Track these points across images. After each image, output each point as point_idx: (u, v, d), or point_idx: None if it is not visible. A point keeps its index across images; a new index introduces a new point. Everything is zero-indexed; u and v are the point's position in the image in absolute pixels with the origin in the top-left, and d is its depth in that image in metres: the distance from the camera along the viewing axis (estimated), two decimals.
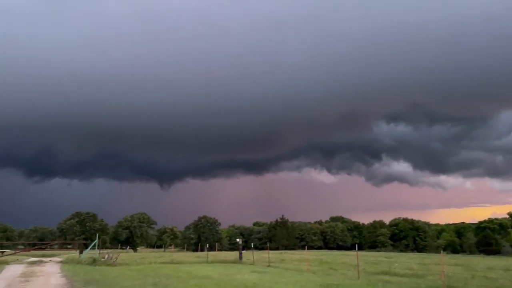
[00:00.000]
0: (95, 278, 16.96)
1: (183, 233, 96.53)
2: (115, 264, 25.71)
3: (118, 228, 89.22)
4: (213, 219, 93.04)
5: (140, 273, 19.59)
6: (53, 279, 17.28)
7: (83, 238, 73.72)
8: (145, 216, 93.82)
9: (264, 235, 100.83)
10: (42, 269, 22.71)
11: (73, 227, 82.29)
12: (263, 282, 16.09)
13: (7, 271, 21.26)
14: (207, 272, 20.38)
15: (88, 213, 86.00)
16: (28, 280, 16.51)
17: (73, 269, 22.38)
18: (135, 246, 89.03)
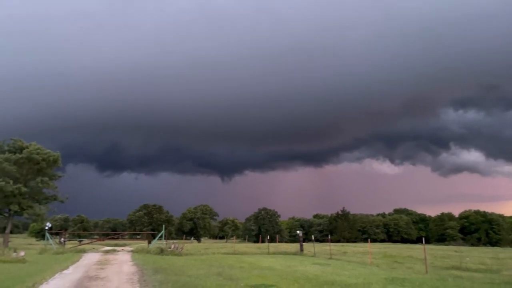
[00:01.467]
0: (163, 267, 17.80)
1: (244, 225, 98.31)
2: (181, 254, 26.77)
3: (183, 220, 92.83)
4: (272, 211, 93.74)
5: (204, 263, 20.25)
6: (125, 267, 18.40)
7: (150, 229, 77.69)
8: (208, 208, 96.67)
9: (325, 228, 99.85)
10: (115, 258, 24.27)
11: (141, 219, 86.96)
12: (326, 274, 15.93)
13: (85, 259, 23.02)
14: (269, 263, 20.57)
15: (154, 205, 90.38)
16: (103, 268, 17.73)
17: (143, 258, 23.67)
18: (198, 237, 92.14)
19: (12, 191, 35.73)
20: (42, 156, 38.56)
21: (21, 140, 39.82)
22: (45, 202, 40.63)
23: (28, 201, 38.33)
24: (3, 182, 34.89)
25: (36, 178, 38.65)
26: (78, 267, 17.93)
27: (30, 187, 38.60)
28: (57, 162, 40.61)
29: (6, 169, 35.93)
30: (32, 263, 19.34)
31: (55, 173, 41.69)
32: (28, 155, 37.70)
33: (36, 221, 44.12)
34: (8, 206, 37.16)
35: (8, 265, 18.02)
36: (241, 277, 14.28)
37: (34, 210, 38.16)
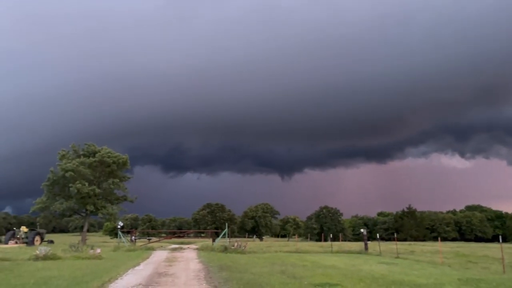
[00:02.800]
0: (227, 264, 18.20)
1: (305, 223, 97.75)
2: (244, 252, 27.20)
3: (244, 218, 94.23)
4: (334, 209, 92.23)
5: (267, 261, 20.41)
6: (191, 264, 19.08)
7: (214, 227, 79.79)
8: (268, 207, 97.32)
9: (390, 226, 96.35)
10: (182, 255, 25.24)
11: (205, 217, 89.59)
12: (393, 274, 15.38)
13: (154, 256, 24.19)
14: (333, 262, 20.27)
15: (217, 204, 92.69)
16: (171, 265, 18.52)
17: (208, 255, 24.37)
18: (260, 235, 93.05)
19: (87, 193, 38.55)
20: (113, 159, 41.19)
21: (94, 144, 42.77)
22: (116, 202, 43.36)
23: (102, 202, 41.14)
24: (80, 184, 37.76)
25: (108, 180, 41.39)
26: (148, 264, 18.89)
27: (103, 189, 41.39)
28: (126, 165, 43.15)
29: (81, 172, 38.87)
30: (107, 260, 20.69)
31: (124, 175, 44.31)
32: (100, 159, 40.46)
33: (109, 220, 47.15)
34: (84, 206, 40.13)
35: (87, 261, 19.44)
36: (305, 276, 14.21)
37: (107, 210, 40.85)
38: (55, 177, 39.15)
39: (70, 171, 37.93)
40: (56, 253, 21.16)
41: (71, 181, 38.26)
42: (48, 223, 72.30)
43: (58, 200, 39.35)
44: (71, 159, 39.83)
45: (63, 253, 22.49)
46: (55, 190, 40.08)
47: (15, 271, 14.85)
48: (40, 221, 46.18)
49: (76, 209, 41.19)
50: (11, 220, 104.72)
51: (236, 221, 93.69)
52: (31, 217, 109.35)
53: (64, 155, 40.53)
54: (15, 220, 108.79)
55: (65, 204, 38.85)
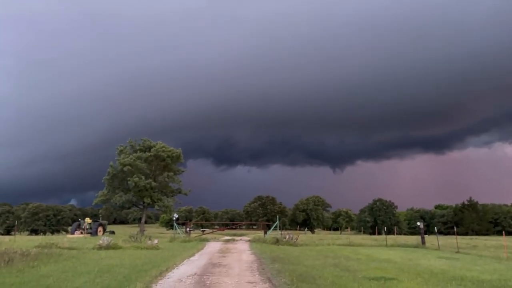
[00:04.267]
0: (279, 256, 18.28)
1: (358, 216, 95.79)
2: (296, 244, 27.17)
3: (295, 211, 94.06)
4: (388, 202, 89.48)
5: (319, 254, 20.26)
6: (244, 255, 19.36)
7: (265, 220, 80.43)
8: (320, 199, 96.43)
9: (449, 219, 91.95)
10: (235, 247, 25.68)
11: (256, 210, 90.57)
12: (453, 269, 14.67)
13: (208, 247, 24.84)
14: (388, 256, 19.71)
15: (268, 197, 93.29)
16: (225, 256, 18.91)
17: (260, 247, 24.61)
18: (312, 228, 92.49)
19: (144, 186, 40.36)
20: (167, 153, 42.72)
21: (149, 139, 44.58)
22: (171, 195, 45.00)
23: (158, 195, 42.89)
24: (137, 178, 39.59)
25: (163, 173, 43.06)
26: (202, 255, 19.43)
27: (159, 182, 43.10)
28: (180, 158, 44.58)
29: (138, 166, 40.74)
30: (164, 250, 21.54)
31: (178, 168, 45.82)
32: (155, 153, 42.14)
33: (165, 212, 49.00)
34: (142, 199, 42.08)
35: (145, 251, 20.37)
36: (359, 269, 13.95)
37: (163, 202, 42.56)
38: (115, 171, 41.29)
39: (128, 166, 39.87)
40: (117, 243, 22.36)
41: (129, 175, 40.21)
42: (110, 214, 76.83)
43: (117, 193, 41.54)
44: (129, 154, 41.84)
45: (124, 243, 23.72)
46: (115, 184, 42.31)
47: (81, 259, 15.88)
48: (102, 213, 49.03)
49: (134, 201, 43.23)
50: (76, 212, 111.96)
51: (287, 214, 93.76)
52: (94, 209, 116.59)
53: (122, 150, 42.62)
54: (80, 212, 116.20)
55: (124, 197, 40.93)
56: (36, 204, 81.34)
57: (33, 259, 14.47)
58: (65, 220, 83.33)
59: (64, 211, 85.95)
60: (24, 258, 14.64)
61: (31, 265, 13.12)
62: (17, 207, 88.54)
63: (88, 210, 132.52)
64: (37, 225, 76.91)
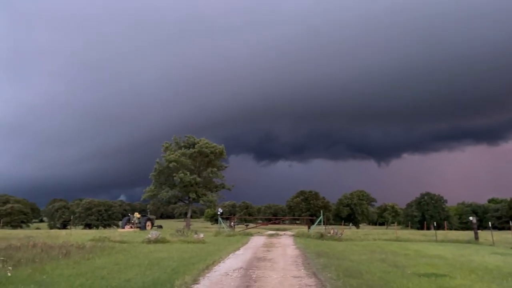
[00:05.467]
0: (324, 251, 18.13)
1: (405, 211, 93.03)
2: (340, 239, 26.82)
3: (339, 205, 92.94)
4: (437, 195, 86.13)
5: (365, 249, 19.87)
6: (288, 250, 19.38)
7: (308, 215, 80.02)
8: (364, 194, 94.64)
9: (504, 214, 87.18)
10: (279, 241, 25.76)
11: (299, 205, 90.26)
12: (509, 266, 13.90)
13: (252, 242, 25.07)
14: (438, 251, 18.99)
15: (310, 192, 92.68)
16: (269, 250, 19.01)
17: (304, 242, 24.52)
18: (357, 223, 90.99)
19: (189, 181, 41.35)
20: (210, 149, 43.50)
21: (193, 136, 45.59)
22: (215, 190, 45.81)
23: (202, 190, 43.82)
24: (182, 174, 40.62)
25: (206, 169, 43.90)
26: (247, 249, 19.64)
27: (203, 177, 43.96)
28: (223, 154, 45.25)
29: (183, 163, 41.79)
30: (210, 244, 21.98)
31: (221, 164, 46.52)
32: (199, 149, 43.05)
33: (210, 207, 49.99)
34: (187, 194, 43.16)
35: (192, 245, 20.89)
36: (407, 265, 13.55)
37: (207, 197, 43.43)
38: (161, 167, 42.58)
39: (173, 162, 40.99)
40: (165, 237, 23.09)
41: (175, 171, 41.33)
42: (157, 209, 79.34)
43: (164, 188, 42.85)
44: (174, 151, 43.00)
45: (171, 237, 24.46)
46: (161, 180, 43.65)
47: (132, 252, 16.55)
48: (150, 208, 50.74)
49: (180, 196, 44.44)
50: (125, 207, 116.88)
51: (331, 209, 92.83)
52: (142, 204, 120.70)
53: (167, 147, 43.86)
54: (129, 207, 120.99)
55: (170, 192, 42.21)
56: (89, 200, 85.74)
57: (88, 252, 15.26)
58: (116, 215, 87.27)
59: (114, 206, 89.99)
60: (80, 251, 15.48)
61: (87, 258, 13.85)
62: (72, 203, 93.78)
63: (136, 205, 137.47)
64: (90, 219, 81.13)
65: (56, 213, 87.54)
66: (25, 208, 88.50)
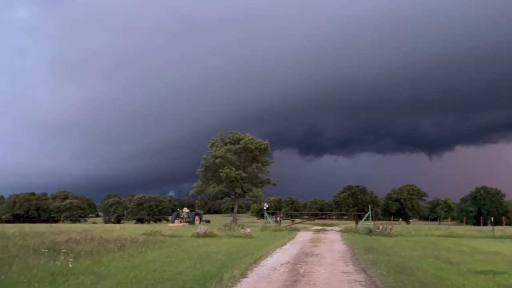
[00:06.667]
0: (373, 247, 17.76)
1: (459, 206, 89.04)
2: (390, 235, 26.11)
3: (388, 200, 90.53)
4: (494, 190, 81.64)
5: (417, 245, 19.24)
6: (336, 245, 19.17)
7: (356, 210, 78.61)
8: (414, 188, 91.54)
9: None
10: (326, 236, 25.54)
11: (346, 200, 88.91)
12: None
13: (299, 237, 25.04)
14: (496, 248, 18.01)
15: (358, 186, 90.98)
16: (316, 245, 18.90)
17: (352, 237, 24.15)
18: (407, 218, 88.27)
19: (235, 177, 41.98)
20: (255, 145, 43.87)
21: (238, 132, 46.13)
22: (261, 185, 46.17)
23: (248, 185, 44.34)
24: (228, 169, 41.30)
25: (252, 164, 44.34)
26: (294, 244, 19.64)
27: (248, 173, 44.45)
28: (267, 150, 45.47)
29: (229, 158, 42.49)
30: (257, 239, 22.19)
31: (266, 160, 46.75)
32: (244, 145, 43.53)
33: (256, 202, 50.38)
34: (233, 189, 43.88)
35: (239, 240, 21.19)
36: (462, 262, 12.97)
37: (253, 193, 43.93)
38: (207, 163, 43.55)
39: (219, 158, 41.79)
40: (213, 232, 23.60)
41: (221, 167, 42.14)
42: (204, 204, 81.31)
43: (211, 184, 43.83)
44: (220, 147, 43.77)
45: (219, 231, 24.94)
46: (208, 175, 44.62)
47: (182, 246, 17.06)
48: (198, 203, 51.96)
49: (227, 192, 45.22)
50: (174, 202, 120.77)
51: (379, 204, 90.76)
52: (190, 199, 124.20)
53: (213, 144, 44.70)
54: (178, 202, 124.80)
55: (217, 187, 43.08)
56: (140, 196, 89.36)
57: (141, 245, 15.91)
58: (165, 210, 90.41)
59: (164, 202, 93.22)
60: (133, 244, 16.19)
61: (140, 251, 14.45)
62: (124, 198, 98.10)
63: (185, 200, 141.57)
64: (142, 214, 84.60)
65: (111, 208, 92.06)
66: (82, 203, 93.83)
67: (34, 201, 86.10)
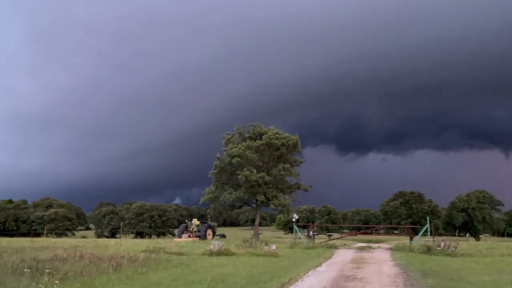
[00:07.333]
0: (433, 269, 17.54)
1: None
2: (454, 255, 25.81)
3: (452, 211, 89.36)
4: None
5: (490, 267, 18.89)
6: (385, 267, 19.00)
7: (410, 222, 77.73)
8: (486, 195, 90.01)
9: None
10: (372, 256, 25.35)
11: (397, 209, 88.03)
12: None
13: (337, 256, 24.94)
14: None
15: (412, 193, 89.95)
16: (360, 267, 18.78)
17: (405, 257, 23.90)
18: (476, 234, 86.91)
19: (256, 181, 41.95)
20: (281, 140, 43.66)
21: (260, 125, 46.05)
22: (289, 191, 46.09)
23: (272, 191, 44.25)
24: (248, 171, 41.25)
25: (277, 165, 44.19)
26: (331, 265, 19.58)
27: (273, 176, 44.41)
28: (297, 147, 45.31)
29: (248, 158, 42.40)
30: (284, 258, 22.20)
31: (295, 159, 46.67)
32: (267, 141, 43.37)
33: (282, 212, 50.44)
34: (254, 196, 43.87)
35: (262, 259, 21.26)
36: None
37: (279, 200, 43.76)
38: (222, 164, 43.68)
39: (237, 157, 41.76)
40: (229, 249, 23.75)
41: (239, 168, 42.17)
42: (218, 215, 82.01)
43: (226, 189, 43.93)
44: (237, 143, 43.81)
45: (236, 248, 25.09)
46: (223, 179, 44.86)
47: (191, 266, 17.25)
48: (211, 213, 52.45)
49: (246, 199, 45.31)
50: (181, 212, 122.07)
51: (440, 215, 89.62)
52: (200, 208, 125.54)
53: (229, 139, 44.84)
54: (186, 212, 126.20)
55: (234, 194, 43.11)
56: (140, 204, 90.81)
57: (141, 265, 16.17)
58: (171, 221, 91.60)
59: (169, 211, 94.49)
60: (132, 263, 16.46)
61: (140, 272, 14.68)
62: (120, 207, 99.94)
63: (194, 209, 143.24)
64: (141, 226, 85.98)
65: (104, 219, 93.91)
66: (70, 213, 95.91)
67: (11, 210, 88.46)
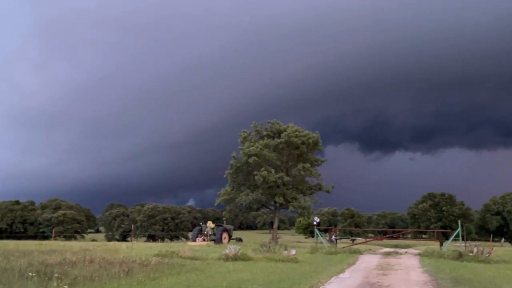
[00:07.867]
0: (465, 276, 17.37)
1: None
2: (488, 261, 25.58)
3: (485, 214, 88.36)
4: None
5: None
6: (413, 274, 18.88)
7: (440, 226, 77.07)
8: None
9: None
10: (399, 262, 25.20)
11: (426, 212, 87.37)
12: None
13: (361, 262, 24.85)
14: None
15: (443, 195, 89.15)
16: (386, 274, 18.69)
17: (435, 263, 23.72)
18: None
19: (275, 181, 41.90)
20: (301, 139, 43.50)
21: (278, 122, 45.97)
22: (309, 192, 45.95)
23: (292, 192, 44.17)
24: (265, 171, 41.18)
25: (297, 165, 44.07)
26: (355, 271, 19.52)
27: (292, 176, 44.33)
28: (318, 145, 45.16)
29: (266, 157, 42.32)
30: (305, 263, 22.20)
31: (316, 158, 46.52)
32: (286, 139, 43.27)
33: (303, 215, 50.33)
34: (272, 198, 43.84)
35: (281, 264, 21.28)
36: None
37: (299, 202, 43.61)
38: (238, 163, 43.72)
39: (254, 156, 41.72)
40: (246, 253, 23.82)
41: (256, 168, 42.16)
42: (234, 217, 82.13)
43: (243, 190, 43.95)
44: (254, 142, 43.78)
45: (254, 253, 25.15)
46: (239, 179, 44.90)
47: (206, 271, 17.34)
48: (226, 216, 52.63)
49: (264, 201, 45.29)
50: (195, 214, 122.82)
51: (473, 218, 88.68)
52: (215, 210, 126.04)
53: (245, 137, 44.85)
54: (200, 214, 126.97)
55: (251, 195, 43.09)
56: (152, 206, 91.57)
57: (154, 270, 16.30)
58: (184, 224, 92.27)
59: (183, 214, 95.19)
60: (144, 268, 16.61)
61: (152, 277, 14.81)
62: (132, 209, 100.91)
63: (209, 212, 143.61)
64: (154, 229, 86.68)
65: (114, 222, 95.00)
66: (79, 215, 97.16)
67: (19, 212, 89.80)
